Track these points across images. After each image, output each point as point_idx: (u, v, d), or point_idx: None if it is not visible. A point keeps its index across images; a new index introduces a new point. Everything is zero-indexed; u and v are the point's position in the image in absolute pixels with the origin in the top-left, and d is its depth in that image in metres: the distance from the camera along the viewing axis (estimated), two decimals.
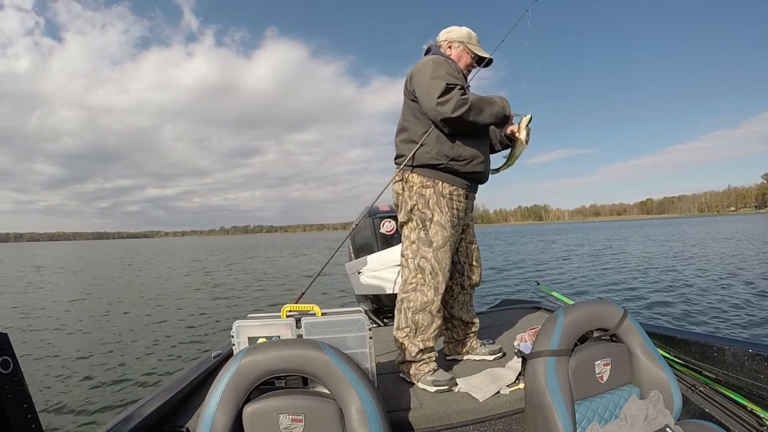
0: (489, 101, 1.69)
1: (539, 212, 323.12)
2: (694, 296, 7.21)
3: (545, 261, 15.40)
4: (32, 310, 8.45)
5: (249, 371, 1.04)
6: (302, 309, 1.37)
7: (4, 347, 0.91)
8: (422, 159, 1.70)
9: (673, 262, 12.52)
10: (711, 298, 6.95)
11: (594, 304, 1.37)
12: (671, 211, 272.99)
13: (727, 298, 6.91)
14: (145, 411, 1.30)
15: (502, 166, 1.97)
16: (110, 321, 7.22)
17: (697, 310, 6.18)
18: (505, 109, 1.72)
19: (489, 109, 1.67)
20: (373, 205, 2.54)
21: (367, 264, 2.89)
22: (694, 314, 5.99)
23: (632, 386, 1.31)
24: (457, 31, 1.86)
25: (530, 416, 1.26)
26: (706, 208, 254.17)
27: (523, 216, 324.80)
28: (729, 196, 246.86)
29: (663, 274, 10.07)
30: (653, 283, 8.75)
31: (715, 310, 6.11)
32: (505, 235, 48.47)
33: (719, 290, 7.62)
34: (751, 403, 1.30)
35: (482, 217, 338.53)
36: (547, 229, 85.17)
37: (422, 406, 1.45)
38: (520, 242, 30.11)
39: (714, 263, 11.66)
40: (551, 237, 37.28)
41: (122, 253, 41.89)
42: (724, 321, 5.55)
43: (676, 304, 6.65)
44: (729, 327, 5.28)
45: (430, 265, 1.66)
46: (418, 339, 1.66)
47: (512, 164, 1.94)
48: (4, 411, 0.88)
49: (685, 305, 6.55)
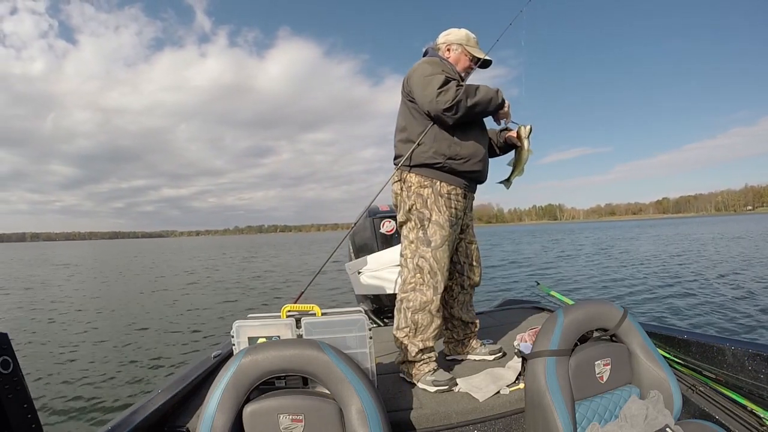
0: (475, 86, 1.69)
1: (554, 212, 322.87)
2: (694, 296, 7.21)
3: (545, 261, 15.40)
4: (31, 310, 8.46)
5: (249, 371, 1.04)
6: (302, 309, 1.37)
7: (4, 347, 0.91)
8: (420, 159, 1.70)
9: (676, 261, 12.51)
10: (711, 299, 6.95)
11: (594, 304, 1.37)
12: (687, 210, 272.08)
13: (728, 298, 6.91)
14: (145, 411, 1.30)
15: (512, 175, 1.95)
16: (110, 321, 7.22)
17: (698, 310, 6.18)
18: (499, 95, 1.72)
19: (484, 94, 1.66)
20: (373, 205, 2.55)
21: (367, 264, 2.89)
22: (694, 314, 6.00)
23: (632, 386, 1.31)
24: (456, 34, 1.86)
25: (530, 416, 1.26)
26: (723, 207, 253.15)
27: (537, 215, 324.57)
28: (746, 195, 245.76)
29: (664, 274, 10.07)
30: (653, 283, 8.75)
31: (715, 310, 6.11)
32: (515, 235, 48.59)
33: (720, 290, 7.62)
34: (751, 403, 1.30)
35: (497, 217, 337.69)
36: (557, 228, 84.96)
37: (422, 406, 1.45)
38: (527, 241, 30.15)
39: (718, 263, 11.66)
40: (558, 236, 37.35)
41: (131, 253, 41.81)
42: (724, 321, 5.55)
43: (677, 304, 6.65)
44: (729, 327, 5.28)
45: (429, 264, 1.66)
46: (417, 339, 1.66)
47: (520, 173, 1.92)
48: (4, 411, 0.88)
49: (685, 305, 6.55)
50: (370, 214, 3.05)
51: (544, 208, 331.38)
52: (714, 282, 8.53)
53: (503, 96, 1.74)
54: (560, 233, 48.42)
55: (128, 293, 10.89)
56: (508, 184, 1.98)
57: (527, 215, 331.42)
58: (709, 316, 5.83)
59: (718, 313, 5.99)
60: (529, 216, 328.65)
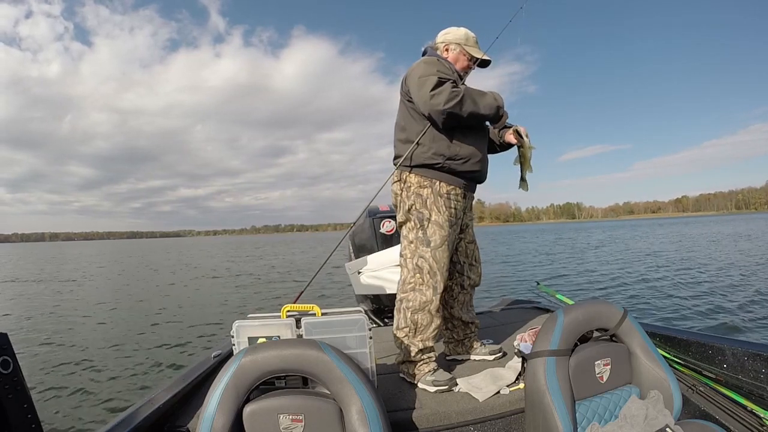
0: (480, 93, 1.68)
1: (572, 210, 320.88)
2: (695, 296, 7.21)
3: (546, 260, 15.40)
4: (32, 309, 8.46)
5: (249, 371, 1.04)
6: (302, 309, 1.37)
7: (4, 347, 0.91)
8: (419, 159, 1.70)
9: (678, 261, 12.50)
10: (712, 299, 6.95)
11: (594, 304, 1.37)
12: (707, 208, 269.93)
13: (729, 298, 6.91)
14: (145, 411, 1.29)
15: (523, 173, 1.90)
16: (110, 320, 7.22)
17: (698, 310, 6.18)
18: (498, 101, 1.70)
19: (482, 100, 1.65)
20: (373, 205, 2.54)
21: (367, 264, 2.89)
22: (695, 314, 5.99)
23: (632, 386, 1.31)
24: (454, 33, 1.85)
25: (530, 416, 1.25)
26: (744, 206, 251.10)
27: (555, 214, 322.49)
28: (767, 192, 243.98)
29: (664, 273, 10.06)
30: (654, 283, 8.74)
31: (716, 310, 6.11)
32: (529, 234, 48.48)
33: (721, 290, 7.61)
34: (751, 403, 1.30)
35: (514, 216, 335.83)
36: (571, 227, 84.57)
37: (422, 406, 1.45)
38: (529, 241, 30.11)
39: (723, 262, 11.64)
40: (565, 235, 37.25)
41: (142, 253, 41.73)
42: (724, 321, 5.55)
43: (677, 304, 6.65)
44: (729, 327, 5.28)
45: (429, 264, 1.66)
46: (417, 339, 1.66)
47: (530, 169, 1.88)
48: (4, 411, 0.88)
49: (685, 305, 6.55)
50: (370, 214, 3.04)
51: (562, 207, 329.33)
52: (714, 282, 8.52)
53: (504, 107, 1.73)
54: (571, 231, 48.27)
55: (128, 293, 10.89)
56: (524, 184, 1.93)
57: (545, 214, 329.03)
58: (709, 316, 5.83)
59: (718, 312, 5.98)
60: (547, 215, 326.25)
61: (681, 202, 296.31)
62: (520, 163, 1.89)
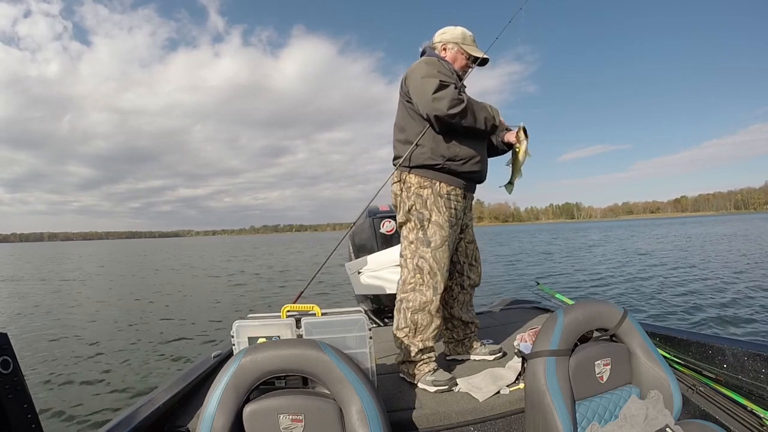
0: (481, 106, 1.69)
1: (571, 210, 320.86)
2: (695, 296, 7.21)
3: (546, 260, 15.40)
4: (33, 307, 8.45)
5: (249, 371, 1.04)
6: (302, 309, 1.37)
7: (4, 347, 0.91)
8: (419, 159, 1.70)
9: (678, 261, 12.50)
10: (712, 299, 6.95)
11: (594, 304, 1.37)
12: (706, 209, 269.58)
13: (730, 297, 6.91)
14: (145, 411, 1.30)
15: (512, 177, 1.89)
16: (110, 320, 7.21)
17: (698, 310, 6.18)
18: (495, 118, 1.72)
19: (481, 113, 1.67)
20: (373, 205, 2.54)
21: (367, 264, 2.89)
22: (695, 314, 6.00)
23: (632, 386, 1.31)
24: (452, 32, 1.85)
25: (530, 416, 1.26)
26: (743, 206, 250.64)
27: (554, 214, 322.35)
28: (766, 193, 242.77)
29: (665, 273, 10.07)
30: (654, 283, 8.75)
31: (717, 310, 6.11)
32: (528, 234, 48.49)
33: (721, 290, 7.62)
34: (751, 403, 1.30)
35: (513, 216, 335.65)
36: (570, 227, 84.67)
37: (422, 406, 1.45)
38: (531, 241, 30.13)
39: (721, 261, 11.65)
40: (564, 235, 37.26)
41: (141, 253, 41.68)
42: (725, 321, 5.55)
43: (678, 304, 6.65)
44: (729, 327, 5.28)
45: (429, 265, 1.66)
46: (417, 339, 1.66)
47: (520, 174, 1.87)
48: (4, 411, 0.88)
49: (685, 305, 6.55)
50: (370, 214, 3.04)
51: (561, 207, 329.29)
52: (715, 282, 8.53)
53: (500, 118, 1.75)
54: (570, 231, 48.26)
55: (128, 293, 10.88)
56: (510, 187, 1.93)
57: (544, 214, 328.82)
58: (709, 316, 5.83)
59: (718, 313, 5.98)
60: (546, 215, 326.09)
61: (680, 203, 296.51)
62: (512, 166, 1.87)
